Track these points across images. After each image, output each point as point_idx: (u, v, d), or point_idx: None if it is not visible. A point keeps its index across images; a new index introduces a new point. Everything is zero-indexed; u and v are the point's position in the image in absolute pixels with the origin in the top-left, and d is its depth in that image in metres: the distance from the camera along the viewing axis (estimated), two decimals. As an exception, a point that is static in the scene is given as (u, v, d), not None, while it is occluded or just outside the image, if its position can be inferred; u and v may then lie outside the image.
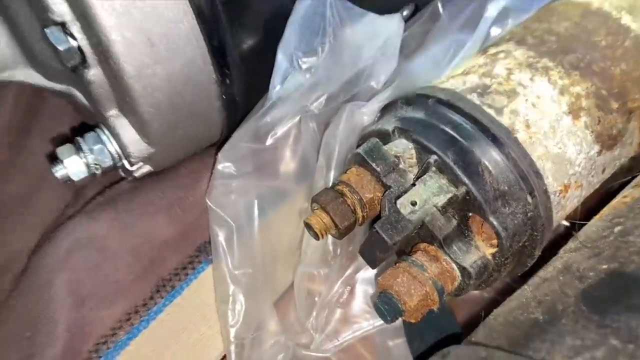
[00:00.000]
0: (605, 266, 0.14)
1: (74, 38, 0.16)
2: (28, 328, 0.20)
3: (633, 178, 0.20)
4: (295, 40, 0.17)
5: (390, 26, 0.19)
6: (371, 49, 0.18)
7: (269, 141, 0.19)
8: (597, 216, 0.17)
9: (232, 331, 0.20)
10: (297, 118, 0.19)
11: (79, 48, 0.16)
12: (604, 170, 0.18)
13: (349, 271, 0.20)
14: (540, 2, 0.22)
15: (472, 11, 0.22)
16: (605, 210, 0.18)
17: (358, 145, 0.18)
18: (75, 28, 0.16)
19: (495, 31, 0.22)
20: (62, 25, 0.16)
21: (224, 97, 0.18)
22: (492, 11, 0.22)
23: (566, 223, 0.22)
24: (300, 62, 0.18)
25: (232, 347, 0.20)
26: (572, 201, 0.18)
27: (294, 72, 0.18)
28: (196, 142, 0.19)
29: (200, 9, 0.16)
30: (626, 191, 0.18)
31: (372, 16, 0.18)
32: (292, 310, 0.20)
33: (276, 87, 0.18)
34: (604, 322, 0.13)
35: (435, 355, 0.15)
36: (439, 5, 0.22)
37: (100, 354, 0.20)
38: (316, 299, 0.19)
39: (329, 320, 0.20)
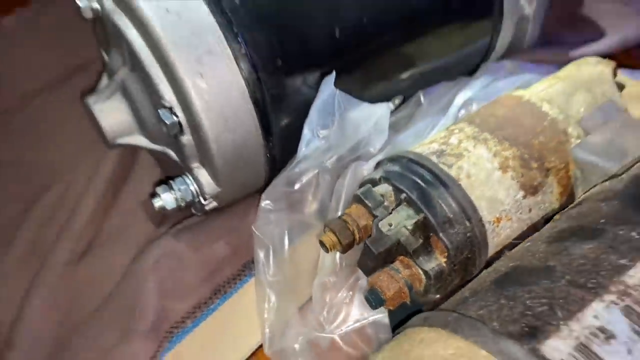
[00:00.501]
0: (511, 263, 0.22)
1: (177, 116, 0.25)
2: (127, 312, 0.28)
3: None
4: (315, 119, 0.26)
5: (380, 110, 0.27)
6: (367, 125, 0.27)
7: (297, 186, 0.27)
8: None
9: (267, 324, 0.28)
10: (317, 171, 0.27)
11: (179, 122, 0.25)
12: (530, 210, 0.26)
13: (351, 280, 0.27)
14: (495, 95, 0.30)
15: (446, 100, 0.31)
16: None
17: (358, 189, 0.26)
18: (178, 110, 0.25)
19: (462, 114, 0.30)
20: (170, 109, 0.25)
21: (267, 155, 0.27)
22: (459, 100, 0.31)
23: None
24: (318, 133, 0.26)
25: (267, 336, 0.28)
26: (505, 230, 0.25)
27: (314, 140, 0.26)
28: (248, 186, 0.28)
29: (256, 99, 0.25)
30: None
31: (366, 104, 0.27)
32: (310, 311, 0.28)
33: (302, 149, 0.27)
34: (500, 292, 0.20)
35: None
36: (421, 95, 0.31)
37: (173, 335, 0.28)
38: (327, 300, 0.27)
39: (336, 316, 0.27)
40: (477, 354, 0.18)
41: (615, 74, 0.30)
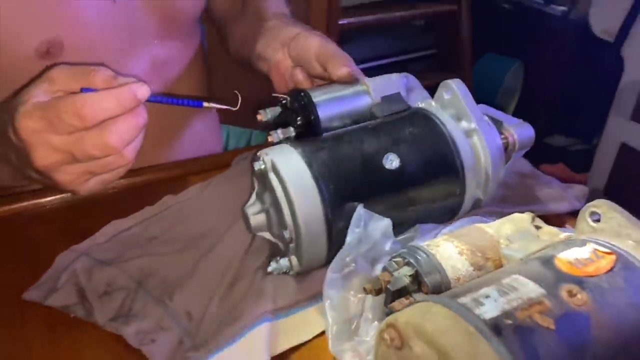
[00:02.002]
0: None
1: (289, 234, 0.50)
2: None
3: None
4: (354, 225, 0.50)
5: (387, 222, 0.51)
6: (378, 232, 0.50)
7: (345, 271, 0.50)
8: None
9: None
10: (356, 257, 0.50)
11: (291, 238, 0.50)
12: (479, 275, 0.47)
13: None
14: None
15: (435, 232, 0.55)
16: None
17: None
18: (292, 232, 0.50)
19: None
20: (287, 229, 0.50)
21: (327, 254, 0.51)
22: (445, 231, 0.54)
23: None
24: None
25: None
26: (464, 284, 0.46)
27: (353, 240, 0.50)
28: (315, 267, 0.52)
29: (328, 223, 0.50)
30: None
31: (378, 216, 0.51)
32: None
33: (346, 247, 0.50)
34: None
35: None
36: (418, 227, 0.55)
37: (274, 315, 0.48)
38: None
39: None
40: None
41: (533, 220, 0.53)
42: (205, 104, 0.52)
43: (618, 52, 1.90)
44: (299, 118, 0.54)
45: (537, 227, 0.53)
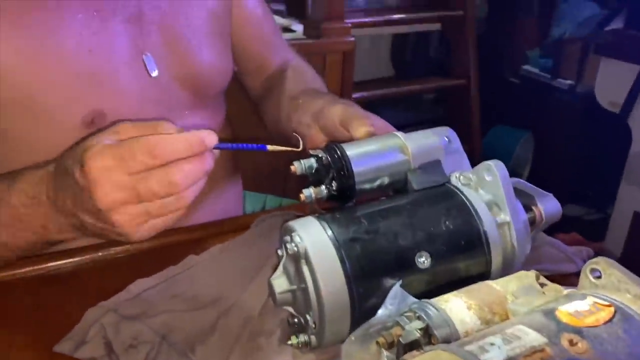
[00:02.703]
0: (466, 340, 0.45)
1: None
2: None
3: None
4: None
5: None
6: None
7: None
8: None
9: None
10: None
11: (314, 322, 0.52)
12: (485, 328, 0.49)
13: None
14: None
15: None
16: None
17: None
18: (315, 312, 0.53)
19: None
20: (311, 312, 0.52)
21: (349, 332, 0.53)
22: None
23: None
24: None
25: None
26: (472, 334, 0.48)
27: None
28: (337, 340, 0.54)
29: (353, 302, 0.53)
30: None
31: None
32: None
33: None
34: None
35: None
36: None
37: None
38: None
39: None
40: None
41: (538, 277, 0.55)
42: (270, 147, 0.53)
43: (625, 121, 1.95)
44: (331, 172, 0.51)
45: (542, 285, 0.56)
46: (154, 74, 0.71)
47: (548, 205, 0.64)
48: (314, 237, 0.49)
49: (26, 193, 0.55)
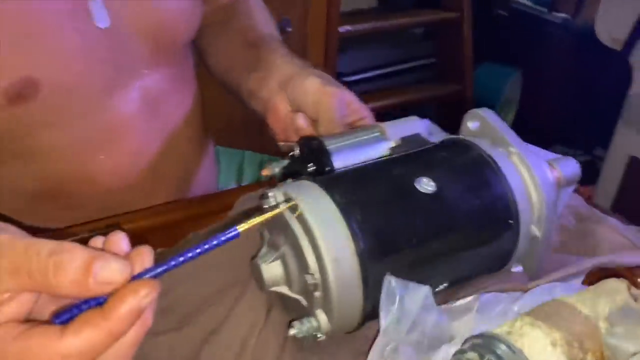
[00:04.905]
0: None
1: (316, 279, 0.39)
2: None
3: None
4: (385, 303, 0.40)
5: (425, 291, 0.40)
6: (416, 305, 0.39)
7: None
8: None
9: None
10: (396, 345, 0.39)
11: (316, 284, 0.39)
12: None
13: None
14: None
15: (501, 308, 0.43)
16: None
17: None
18: (317, 275, 0.39)
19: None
20: (312, 274, 0.39)
21: (363, 310, 0.40)
22: (515, 308, 0.43)
23: None
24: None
25: None
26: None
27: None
28: (347, 328, 0.42)
29: (365, 279, 0.40)
30: None
31: (413, 284, 0.40)
32: None
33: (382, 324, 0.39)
34: None
35: None
36: (474, 301, 0.44)
37: None
38: None
39: None
40: None
41: (629, 289, 0.42)
42: (241, 228, 0.34)
43: (625, 60, 1.82)
44: (310, 166, 0.48)
45: (636, 298, 0.43)
46: (103, 24, 0.56)
47: (563, 165, 0.51)
48: (292, 184, 0.44)
49: None
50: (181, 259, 0.30)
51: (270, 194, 0.43)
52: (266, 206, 0.43)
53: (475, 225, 0.45)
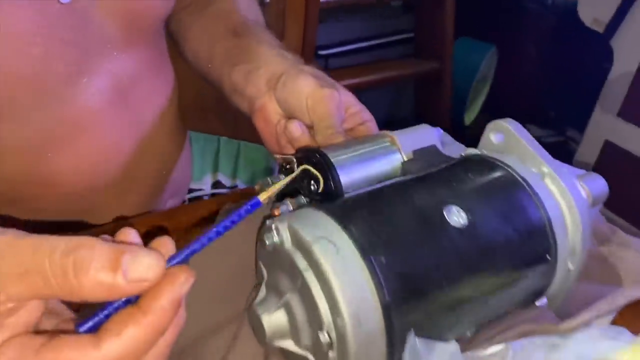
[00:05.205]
0: None
1: (330, 337, 0.33)
2: None
3: None
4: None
5: (453, 347, 0.34)
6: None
7: None
8: None
9: None
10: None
11: (331, 342, 0.33)
12: None
13: None
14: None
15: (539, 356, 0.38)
16: None
17: None
18: (332, 333, 0.33)
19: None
20: (327, 332, 0.33)
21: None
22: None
23: None
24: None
25: None
26: None
27: None
28: None
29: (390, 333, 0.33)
30: None
31: (440, 343, 0.34)
32: None
33: None
34: None
35: None
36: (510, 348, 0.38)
37: None
38: None
39: None
40: None
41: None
42: None
43: (607, 43, 1.79)
44: (312, 183, 0.41)
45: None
46: (66, -2, 0.46)
47: (591, 182, 0.47)
48: (300, 214, 0.38)
49: None
50: (205, 240, 0.29)
51: (272, 226, 0.36)
52: (268, 242, 0.36)
53: (511, 264, 0.39)
